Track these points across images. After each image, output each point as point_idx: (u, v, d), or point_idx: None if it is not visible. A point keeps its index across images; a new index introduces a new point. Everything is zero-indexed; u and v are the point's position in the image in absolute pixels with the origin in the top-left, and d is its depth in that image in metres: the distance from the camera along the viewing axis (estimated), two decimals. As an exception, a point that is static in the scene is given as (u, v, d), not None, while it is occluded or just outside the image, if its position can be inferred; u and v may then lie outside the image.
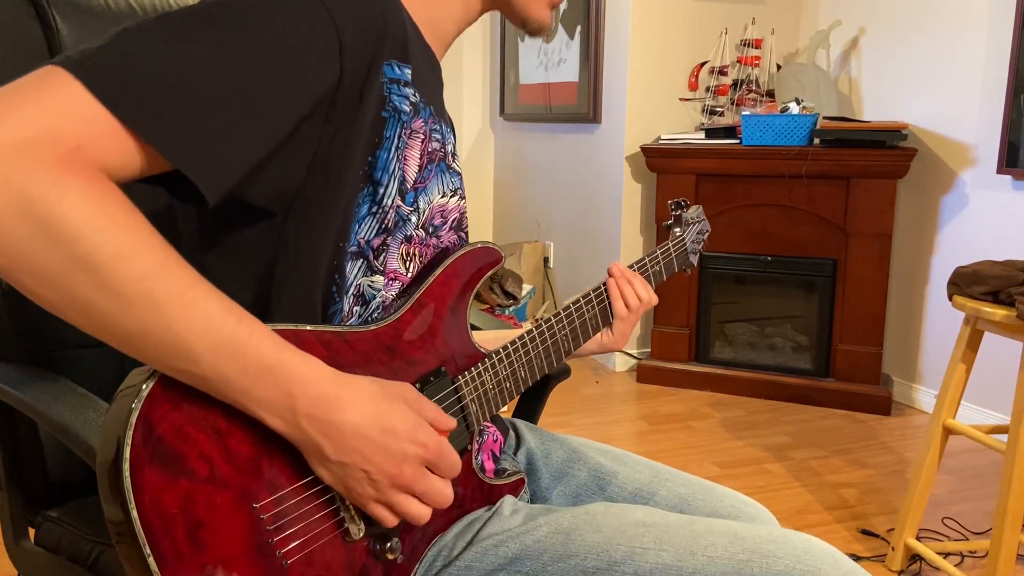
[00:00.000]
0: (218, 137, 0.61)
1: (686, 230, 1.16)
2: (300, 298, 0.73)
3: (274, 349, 0.62)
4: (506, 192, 4.41)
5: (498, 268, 0.96)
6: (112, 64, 0.58)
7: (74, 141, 0.56)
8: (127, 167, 0.59)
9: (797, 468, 2.53)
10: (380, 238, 0.77)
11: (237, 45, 0.62)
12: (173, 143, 0.59)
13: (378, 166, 0.75)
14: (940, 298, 3.01)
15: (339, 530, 0.70)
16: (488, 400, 0.85)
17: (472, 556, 0.79)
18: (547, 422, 2.46)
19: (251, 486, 0.64)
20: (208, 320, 0.59)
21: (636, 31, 3.32)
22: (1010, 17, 2.66)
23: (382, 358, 0.75)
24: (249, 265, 0.73)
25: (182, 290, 0.58)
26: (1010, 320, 1.61)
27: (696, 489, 0.97)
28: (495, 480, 0.88)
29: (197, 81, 0.60)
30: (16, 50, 1.00)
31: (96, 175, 0.56)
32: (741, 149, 3.06)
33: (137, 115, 0.58)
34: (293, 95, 0.66)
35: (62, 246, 0.54)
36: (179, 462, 0.60)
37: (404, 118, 0.76)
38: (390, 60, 0.74)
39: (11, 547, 1.04)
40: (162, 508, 0.59)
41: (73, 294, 0.55)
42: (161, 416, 0.60)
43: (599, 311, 1.00)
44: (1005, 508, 1.65)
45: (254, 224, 0.72)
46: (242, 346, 0.60)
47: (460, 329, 0.83)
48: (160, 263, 0.57)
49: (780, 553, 0.75)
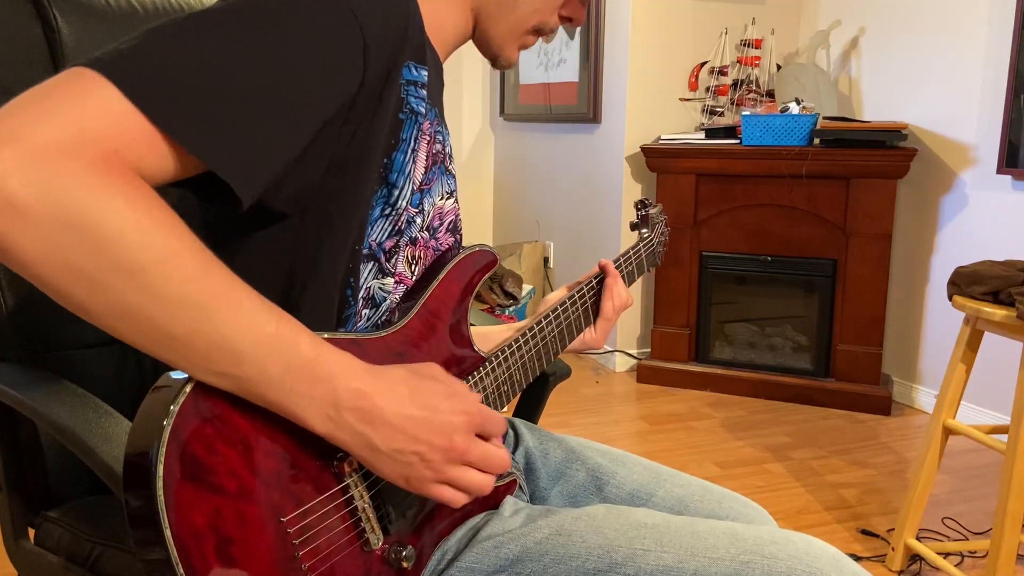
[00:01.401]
0: (251, 139, 0.61)
1: (653, 230, 1.16)
2: (318, 301, 0.73)
3: (312, 345, 0.62)
4: (506, 192, 4.41)
5: (496, 269, 0.97)
6: (144, 66, 0.58)
7: (110, 144, 0.55)
8: (161, 170, 0.59)
9: (797, 468, 2.53)
10: (392, 240, 0.77)
11: (266, 46, 0.62)
12: (207, 146, 0.59)
13: (394, 168, 0.75)
14: (940, 298, 3.01)
15: (359, 540, 0.70)
16: (488, 404, 0.85)
17: (473, 557, 0.79)
18: (547, 422, 2.46)
19: (278, 500, 0.64)
20: (253, 318, 0.59)
21: (636, 31, 3.32)
22: (1010, 17, 2.66)
23: (392, 364, 0.74)
24: (265, 267, 0.73)
25: (226, 290, 0.58)
26: (1010, 320, 1.61)
27: (694, 490, 0.97)
28: (495, 482, 0.87)
29: (228, 83, 0.60)
30: (16, 49, 0.99)
31: (134, 178, 0.56)
32: (741, 149, 3.06)
33: (171, 117, 0.58)
34: (322, 97, 0.66)
35: (105, 252, 0.53)
36: (210, 478, 0.59)
37: (420, 120, 0.76)
38: (408, 62, 0.74)
39: (11, 547, 1.04)
40: (194, 525, 0.58)
41: (115, 300, 0.55)
42: (192, 433, 0.59)
43: (583, 311, 1.00)
44: (1005, 508, 1.65)
45: (268, 226, 0.72)
46: (284, 343, 0.60)
47: (461, 333, 0.83)
48: (204, 264, 0.57)
49: (782, 554, 0.75)
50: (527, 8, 0.85)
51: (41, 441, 1.03)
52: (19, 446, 1.02)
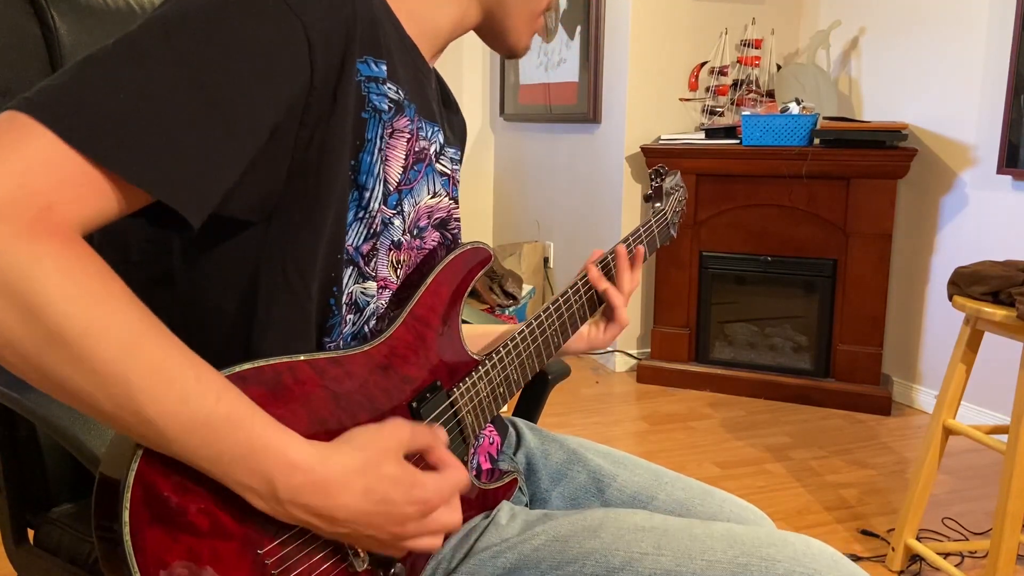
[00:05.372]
0: (195, 160, 0.59)
1: (667, 201, 1.12)
2: (291, 312, 0.70)
3: (251, 433, 0.59)
4: (506, 192, 4.41)
5: (493, 267, 0.95)
6: (74, 101, 0.55)
7: (45, 198, 0.53)
8: (104, 211, 0.57)
9: (797, 468, 2.53)
10: (369, 244, 0.74)
11: (202, 60, 0.60)
12: (151, 175, 0.57)
13: (362, 169, 0.72)
14: (940, 298, 3.01)
15: (344, 564, 0.69)
16: (483, 409, 0.84)
17: (470, 568, 0.79)
18: (547, 422, 2.46)
19: (253, 534, 0.62)
20: (182, 401, 0.56)
21: (636, 31, 3.31)
22: (1010, 17, 2.66)
23: (377, 380, 0.73)
24: (231, 274, 0.70)
25: (155, 367, 0.55)
26: (1010, 320, 1.61)
27: (695, 493, 0.96)
28: (489, 485, 0.87)
29: (166, 107, 0.58)
30: (15, 50, 0.99)
31: (70, 238, 0.54)
32: (741, 149, 3.06)
33: (110, 153, 0.55)
34: (266, 103, 0.63)
35: (34, 321, 0.51)
36: (179, 518, 0.59)
37: (385, 117, 0.73)
38: (363, 56, 0.70)
39: (10, 549, 1.04)
40: (166, 566, 0.58)
41: (44, 370, 0.53)
42: (156, 475, 0.58)
43: (586, 301, 0.98)
44: (1005, 508, 1.64)
45: (234, 235, 0.69)
46: (216, 430, 0.57)
47: (453, 337, 0.81)
48: (134, 337, 0.54)
49: (780, 556, 0.74)
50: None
51: (40, 442, 1.03)
52: (18, 447, 1.02)
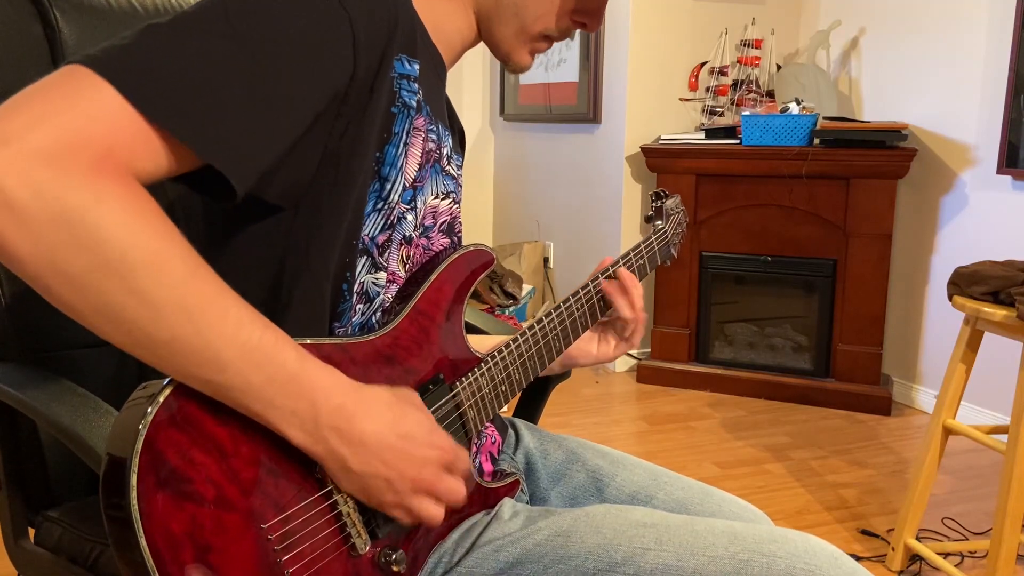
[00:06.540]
0: (244, 132, 0.62)
1: (668, 221, 1.14)
2: (311, 295, 0.73)
3: (297, 358, 0.63)
4: (506, 192, 4.41)
5: (495, 268, 0.96)
6: (138, 62, 0.58)
7: (105, 144, 0.56)
8: (156, 167, 0.60)
9: (797, 468, 2.53)
10: (385, 235, 0.77)
11: (257, 41, 0.63)
12: (202, 138, 0.60)
13: (386, 161, 0.75)
14: (940, 298, 3.01)
15: (346, 545, 0.70)
16: (485, 405, 0.85)
17: (473, 562, 0.79)
18: (547, 422, 2.46)
19: (258, 507, 0.63)
20: (238, 327, 0.59)
21: (636, 31, 3.32)
22: (1010, 17, 2.66)
23: (381, 368, 0.75)
24: (258, 260, 0.74)
25: (213, 297, 0.59)
26: (1010, 320, 1.61)
27: (695, 493, 0.96)
28: (492, 484, 0.87)
29: (221, 78, 0.61)
30: (17, 49, 1.00)
31: (128, 179, 0.57)
32: (741, 149, 3.06)
33: (165, 112, 0.58)
34: (312, 90, 0.66)
35: (96, 252, 0.54)
36: (186, 487, 0.60)
37: (411, 114, 0.76)
38: (400, 55, 0.74)
39: (11, 547, 1.04)
40: (170, 533, 0.58)
41: (102, 300, 0.55)
42: (166, 441, 0.59)
43: (588, 309, 0.98)
44: (1005, 508, 1.65)
45: (262, 219, 0.72)
46: (268, 354, 0.61)
47: (456, 334, 0.83)
48: (192, 269, 0.58)
49: (781, 552, 0.75)
50: (530, 14, 0.84)
51: (41, 441, 1.03)
52: (19, 446, 1.02)
